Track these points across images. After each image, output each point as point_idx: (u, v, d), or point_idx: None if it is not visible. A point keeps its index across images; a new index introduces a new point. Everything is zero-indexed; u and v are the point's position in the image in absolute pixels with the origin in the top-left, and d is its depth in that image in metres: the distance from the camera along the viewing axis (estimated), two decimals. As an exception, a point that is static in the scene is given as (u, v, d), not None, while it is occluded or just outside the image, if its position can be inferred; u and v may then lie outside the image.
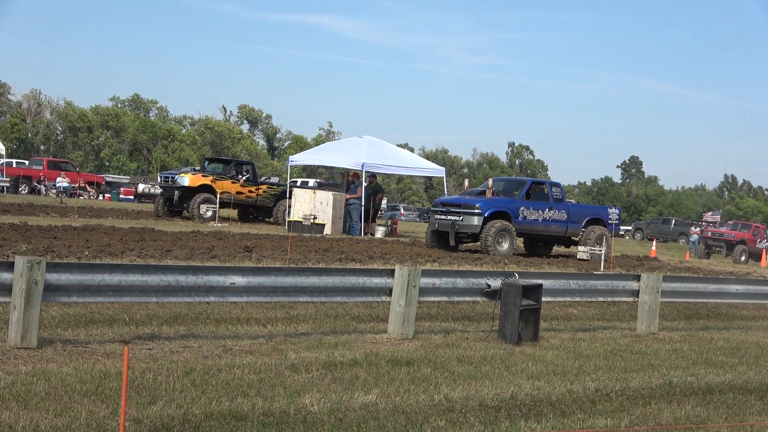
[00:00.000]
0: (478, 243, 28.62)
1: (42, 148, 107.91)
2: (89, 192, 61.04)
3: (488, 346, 12.39)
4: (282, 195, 38.92)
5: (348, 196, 35.12)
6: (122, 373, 8.96)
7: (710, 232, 51.10)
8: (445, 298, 13.77)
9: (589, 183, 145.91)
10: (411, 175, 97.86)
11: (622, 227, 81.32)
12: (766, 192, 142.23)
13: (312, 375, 9.68)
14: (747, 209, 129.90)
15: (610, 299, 16.10)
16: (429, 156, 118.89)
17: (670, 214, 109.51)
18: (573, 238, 31.04)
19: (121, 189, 68.96)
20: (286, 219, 35.34)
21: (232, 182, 37.86)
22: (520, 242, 31.27)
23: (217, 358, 10.18)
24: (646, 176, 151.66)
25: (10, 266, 10.13)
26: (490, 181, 31.01)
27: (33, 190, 57.47)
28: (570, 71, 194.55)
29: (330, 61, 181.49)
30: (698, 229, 53.50)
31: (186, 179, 37.09)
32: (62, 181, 55.83)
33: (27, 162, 65.23)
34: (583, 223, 30.69)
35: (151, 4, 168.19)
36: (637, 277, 15.80)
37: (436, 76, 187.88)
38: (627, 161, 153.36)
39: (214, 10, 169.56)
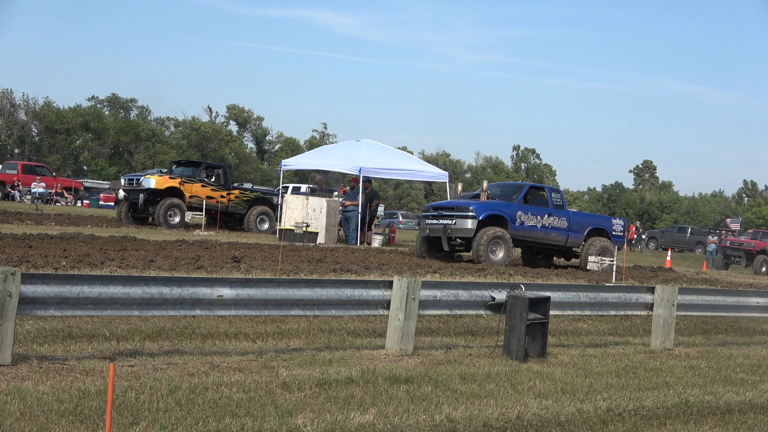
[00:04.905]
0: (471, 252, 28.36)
1: (16, 151, 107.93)
2: (67, 198, 61.01)
3: (493, 363, 12.39)
4: (255, 201, 38.92)
5: (347, 202, 35.18)
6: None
7: (729, 241, 51.09)
8: (447, 312, 13.73)
9: (599, 189, 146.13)
10: (410, 180, 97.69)
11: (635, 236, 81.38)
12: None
13: (305, 394, 9.68)
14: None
15: (622, 313, 16.06)
16: (430, 160, 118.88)
17: (686, 222, 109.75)
18: (574, 249, 30.86)
19: (101, 195, 69.06)
20: (277, 227, 35.34)
21: (202, 186, 37.59)
22: (518, 253, 31.13)
23: (204, 376, 10.16)
24: (660, 182, 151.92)
25: (-19, 277, 10.13)
26: (485, 184, 30.73)
27: (6, 196, 57.48)
28: (578, 69, 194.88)
29: (324, 58, 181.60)
30: (716, 238, 53.51)
31: (152, 181, 36.71)
32: (38, 187, 55.88)
33: (0, 166, 65.23)
34: (585, 233, 30.37)
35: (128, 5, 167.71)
36: (652, 290, 15.80)
37: (436, 74, 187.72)
38: (640, 166, 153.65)
39: (197, 4, 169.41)
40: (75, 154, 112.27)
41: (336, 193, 40.65)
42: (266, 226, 38.89)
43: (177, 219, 36.08)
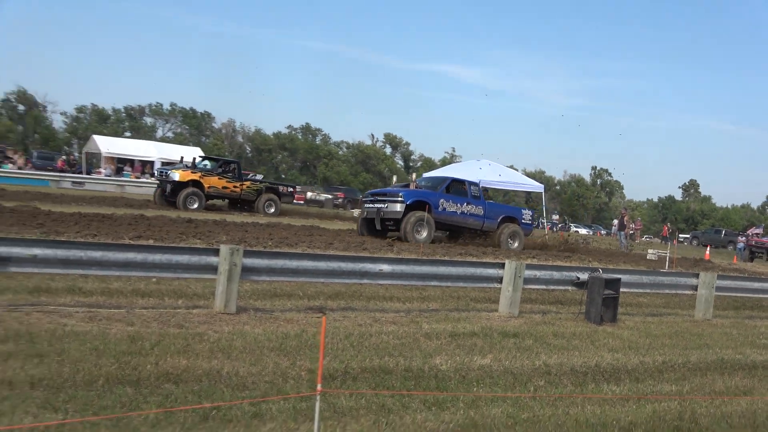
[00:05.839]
0: (400, 231, 25.27)
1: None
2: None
3: (577, 325, 12.25)
4: (264, 190, 35.92)
5: None
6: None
7: (754, 241, 49.41)
8: (543, 287, 13.62)
9: (655, 200, 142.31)
10: (515, 190, 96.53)
11: (682, 236, 79.05)
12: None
13: (441, 342, 9.73)
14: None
15: (674, 292, 15.67)
16: (529, 175, 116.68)
17: (721, 226, 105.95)
18: (490, 232, 27.24)
19: (295, 196, 69.97)
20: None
21: (219, 178, 34.32)
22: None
23: (369, 326, 10.30)
24: (702, 195, 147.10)
25: (216, 252, 10.46)
26: (414, 176, 28.69)
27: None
28: (643, 111, 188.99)
29: (454, 99, 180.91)
30: (744, 238, 51.68)
31: (177, 174, 33.34)
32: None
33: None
34: (498, 220, 27.14)
35: (323, 61, 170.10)
36: (696, 275, 15.41)
37: (535, 113, 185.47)
38: (687, 183, 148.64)
39: (367, 60, 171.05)
40: (276, 167, 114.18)
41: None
42: (272, 210, 35.50)
43: (195, 205, 32.56)
